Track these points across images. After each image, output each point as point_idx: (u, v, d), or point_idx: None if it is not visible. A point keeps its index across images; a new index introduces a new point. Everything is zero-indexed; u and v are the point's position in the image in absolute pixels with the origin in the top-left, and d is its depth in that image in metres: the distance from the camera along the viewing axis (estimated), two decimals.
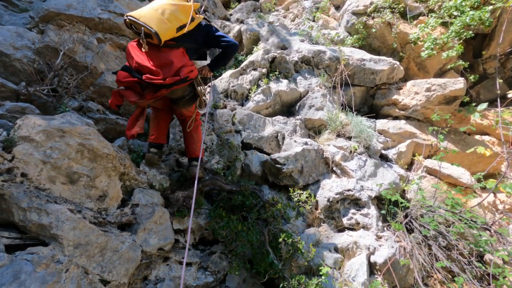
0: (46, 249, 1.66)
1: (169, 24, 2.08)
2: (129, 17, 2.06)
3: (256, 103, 4.03)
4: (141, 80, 2.13)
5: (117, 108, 2.30)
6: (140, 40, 2.10)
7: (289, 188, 3.30)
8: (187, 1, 2.29)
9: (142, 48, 2.10)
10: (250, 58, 4.43)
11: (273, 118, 3.97)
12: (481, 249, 2.84)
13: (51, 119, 1.99)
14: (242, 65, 4.38)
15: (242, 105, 4.12)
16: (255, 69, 4.30)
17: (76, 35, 3.11)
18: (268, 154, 3.60)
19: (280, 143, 3.77)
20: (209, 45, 2.52)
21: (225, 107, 3.90)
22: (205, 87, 2.58)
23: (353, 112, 4.23)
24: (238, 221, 2.74)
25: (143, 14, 2.05)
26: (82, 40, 3.20)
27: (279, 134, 3.79)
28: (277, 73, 4.30)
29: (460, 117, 4.49)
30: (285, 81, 4.25)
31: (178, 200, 2.64)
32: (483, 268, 2.78)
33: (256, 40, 5.19)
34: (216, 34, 2.44)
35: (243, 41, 5.35)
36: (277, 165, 3.29)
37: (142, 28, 2.01)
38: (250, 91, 4.16)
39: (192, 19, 2.23)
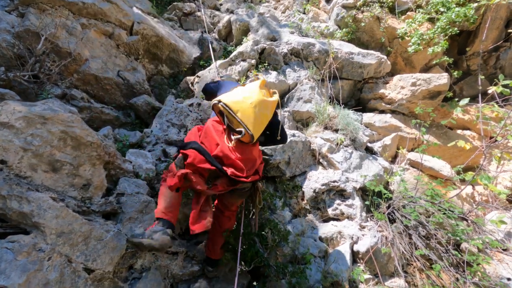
0: (28, 238, 1.63)
1: (261, 126, 2.00)
2: (223, 105, 1.92)
3: None
4: (222, 172, 1.94)
5: (176, 191, 2.01)
6: (231, 135, 1.98)
7: (276, 179, 3.33)
8: (271, 95, 2.19)
9: (229, 142, 1.98)
10: (240, 49, 4.40)
11: None
12: (457, 238, 2.97)
13: (32, 106, 1.93)
14: (231, 55, 4.34)
15: None
16: (244, 60, 4.27)
17: (58, 19, 3.00)
18: None
19: None
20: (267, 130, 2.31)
21: None
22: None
23: (340, 105, 4.28)
24: None
25: (240, 109, 1.90)
26: (65, 25, 3.10)
27: None
28: (266, 64, 4.29)
29: (443, 111, 4.61)
30: (274, 73, 4.25)
31: None
32: (459, 256, 2.91)
33: (245, 31, 5.14)
34: (279, 123, 2.32)
35: (233, 32, 5.29)
36: (264, 156, 3.31)
37: (242, 129, 1.91)
38: (239, 82, 4.14)
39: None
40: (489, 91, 3.09)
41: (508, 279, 2.98)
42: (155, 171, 2.75)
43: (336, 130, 4.05)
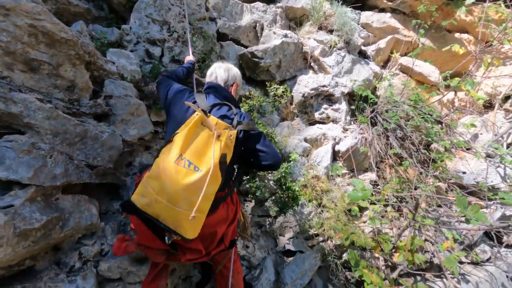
0: (24, 137, 1.67)
1: (205, 205, 1.34)
2: (140, 211, 1.30)
3: None
4: (175, 251, 1.53)
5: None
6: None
7: (266, 83, 3.30)
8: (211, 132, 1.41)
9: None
10: None
11: (252, 4, 3.57)
12: (429, 139, 3.26)
13: None
14: None
15: None
16: None
17: None
18: (246, 46, 3.41)
19: (259, 34, 3.52)
20: (242, 159, 1.68)
21: None
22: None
23: (338, 1, 3.88)
24: None
25: (160, 212, 1.28)
26: None
27: (257, 24, 3.50)
28: None
29: (447, 11, 4.29)
30: None
31: (153, 93, 2.60)
32: (427, 154, 3.26)
33: None
34: (257, 147, 1.61)
35: None
36: (254, 59, 3.18)
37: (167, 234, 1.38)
38: None
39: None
40: None
41: (463, 172, 3.44)
42: (141, 73, 2.64)
43: (331, 31, 3.79)
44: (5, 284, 1.52)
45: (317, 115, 3.53)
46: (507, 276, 3.00)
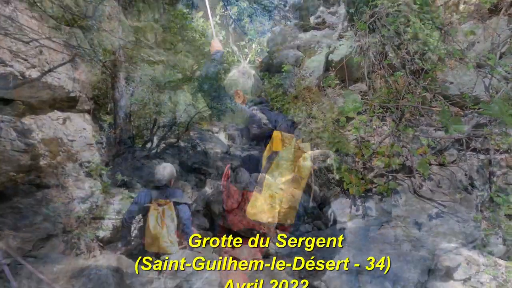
0: None
1: None
2: None
3: None
4: None
5: None
6: None
7: None
8: None
9: None
10: None
11: None
12: (426, 48, 3.15)
13: None
14: None
15: None
16: None
17: None
18: None
19: None
20: None
21: None
22: None
23: None
24: None
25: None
26: None
27: None
28: None
29: None
30: None
31: None
32: (421, 64, 3.20)
33: None
34: None
35: None
36: None
37: None
38: None
39: None
40: None
41: (451, 83, 3.48)
42: None
43: None
44: None
45: (313, 20, 3.24)
46: (465, 175, 3.44)
